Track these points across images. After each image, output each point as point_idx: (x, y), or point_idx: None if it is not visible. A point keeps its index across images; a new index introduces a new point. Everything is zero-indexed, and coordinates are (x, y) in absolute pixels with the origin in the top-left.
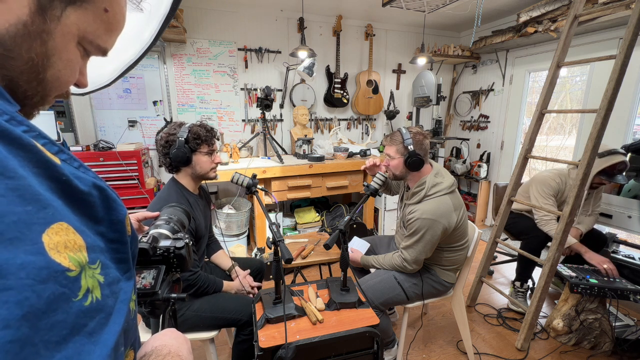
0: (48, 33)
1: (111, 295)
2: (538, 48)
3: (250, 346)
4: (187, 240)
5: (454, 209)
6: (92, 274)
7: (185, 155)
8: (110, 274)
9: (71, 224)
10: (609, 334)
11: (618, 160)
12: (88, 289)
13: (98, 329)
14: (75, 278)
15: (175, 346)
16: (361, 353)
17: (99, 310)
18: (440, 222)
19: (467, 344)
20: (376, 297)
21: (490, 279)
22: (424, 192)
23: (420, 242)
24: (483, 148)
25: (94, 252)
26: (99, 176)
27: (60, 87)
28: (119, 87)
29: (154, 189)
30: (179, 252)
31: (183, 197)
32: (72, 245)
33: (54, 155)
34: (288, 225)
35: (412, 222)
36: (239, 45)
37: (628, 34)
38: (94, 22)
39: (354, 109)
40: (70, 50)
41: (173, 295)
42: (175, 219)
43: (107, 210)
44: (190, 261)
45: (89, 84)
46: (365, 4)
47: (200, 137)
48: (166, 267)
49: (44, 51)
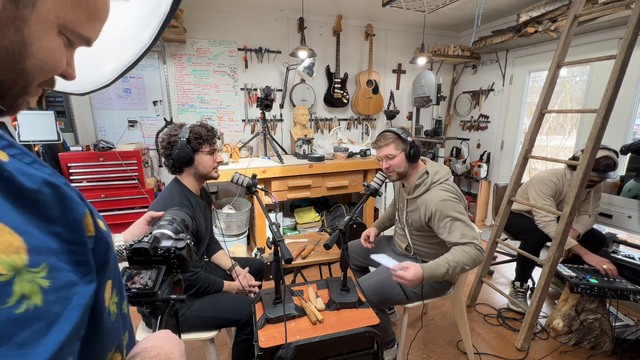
0: (23, 20)
1: (58, 301)
2: (538, 48)
3: (250, 346)
4: (189, 241)
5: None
6: (31, 278)
7: (187, 155)
8: (61, 277)
9: (8, 224)
10: (609, 334)
11: (602, 155)
12: (23, 295)
13: (33, 339)
14: (4, 283)
15: (166, 348)
16: (361, 353)
17: (38, 318)
18: (455, 196)
19: (467, 344)
20: (375, 295)
21: (490, 279)
22: (429, 180)
23: (462, 218)
24: (483, 148)
25: (40, 254)
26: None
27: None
28: (119, 87)
29: (154, 189)
30: (179, 252)
31: (185, 197)
32: (4, 247)
33: (2, 150)
34: (288, 225)
35: (441, 214)
36: (239, 45)
37: (628, 34)
38: (73, 10)
39: (354, 109)
40: (51, 39)
41: (173, 297)
42: (178, 220)
43: (62, 209)
44: (192, 262)
45: (89, 84)
46: (365, 4)
47: (202, 137)
48: (167, 268)
49: (20, 39)
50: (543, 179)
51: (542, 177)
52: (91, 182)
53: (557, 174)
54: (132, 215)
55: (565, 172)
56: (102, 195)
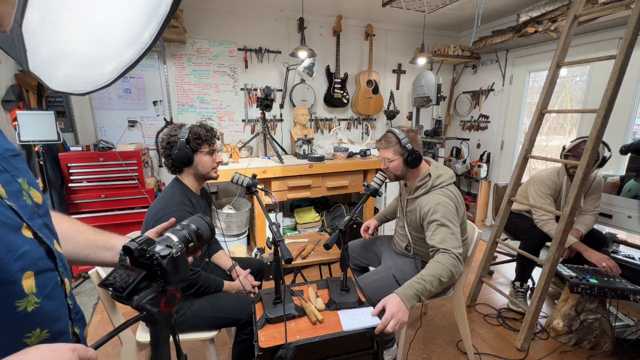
0: None
1: None
2: (538, 48)
3: (250, 346)
4: (175, 252)
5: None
6: None
7: (187, 156)
8: None
9: None
10: (609, 334)
11: (579, 141)
12: None
13: None
14: None
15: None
16: (361, 353)
17: None
18: (452, 203)
19: (467, 344)
20: (374, 294)
21: (490, 279)
22: (430, 183)
23: (449, 224)
24: (483, 148)
25: None
26: None
27: None
28: (119, 87)
29: (154, 189)
30: (160, 261)
31: (186, 197)
32: None
33: None
34: (288, 225)
35: (434, 213)
36: (239, 45)
37: (628, 34)
38: None
39: (354, 109)
40: None
41: (147, 307)
42: (193, 228)
43: None
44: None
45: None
46: (365, 4)
47: (201, 137)
48: (150, 275)
49: None
50: (542, 179)
51: (541, 177)
52: (91, 182)
53: (555, 173)
54: (132, 215)
55: (559, 171)
56: (102, 195)
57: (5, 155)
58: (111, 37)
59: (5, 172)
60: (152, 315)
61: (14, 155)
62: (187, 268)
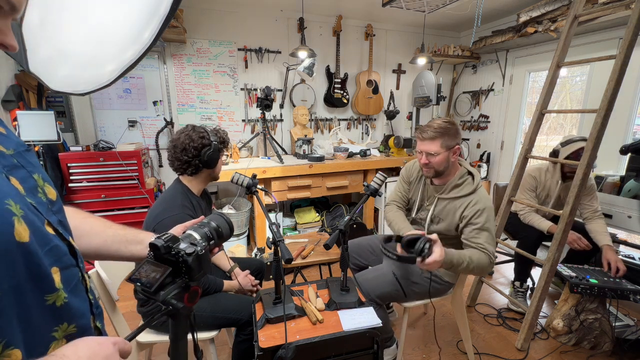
0: None
1: None
2: (538, 48)
3: (250, 346)
4: (199, 249)
5: None
6: None
7: (218, 158)
8: None
9: None
10: (609, 334)
11: (579, 146)
12: None
13: None
14: None
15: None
16: (361, 353)
17: None
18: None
19: (467, 344)
20: (372, 289)
21: (490, 279)
22: (475, 181)
23: (491, 230)
24: (483, 148)
25: None
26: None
27: None
28: (119, 87)
29: (154, 189)
30: (186, 258)
31: (187, 199)
32: None
33: None
34: (288, 225)
35: (480, 216)
36: (239, 45)
37: (628, 34)
38: None
39: (354, 109)
40: None
41: (173, 302)
42: (213, 226)
43: None
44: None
45: (89, 84)
46: (365, 4)
47: (225, 142)
48: (176, 271)
49: None
50: (525, 175)
51: (526, 173)
52: (91, 182)
53: (538, 169)
54: (132, 215)
55: (548, 167)
56: (102, 195)
57: (19, 150)
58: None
59: (21, 167)
60: (178, 310)
61: (27, 150)
62: (209, 265)
